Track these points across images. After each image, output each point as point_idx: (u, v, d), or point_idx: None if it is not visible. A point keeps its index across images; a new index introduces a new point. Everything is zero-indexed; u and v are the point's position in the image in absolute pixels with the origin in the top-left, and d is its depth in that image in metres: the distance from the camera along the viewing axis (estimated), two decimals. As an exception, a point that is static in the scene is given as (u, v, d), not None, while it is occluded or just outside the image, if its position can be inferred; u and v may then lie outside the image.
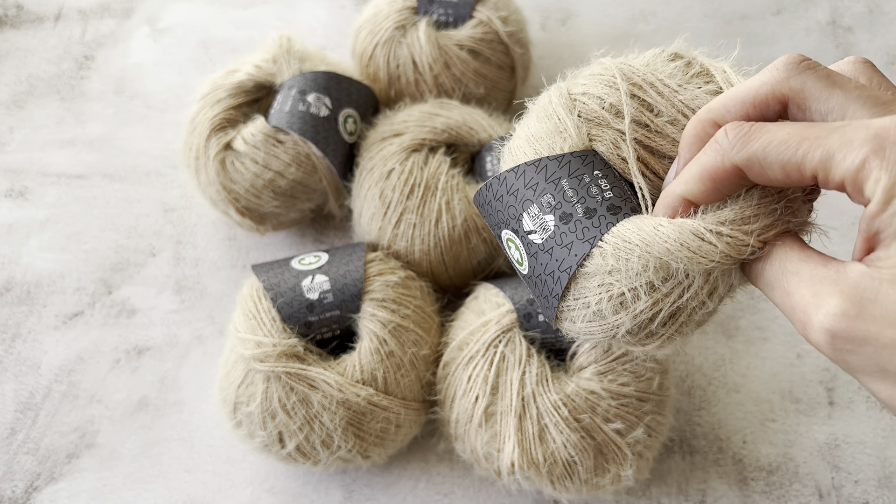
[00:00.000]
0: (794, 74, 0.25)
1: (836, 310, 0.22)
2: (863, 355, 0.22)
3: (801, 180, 0.24)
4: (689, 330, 0.29)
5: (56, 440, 0.50)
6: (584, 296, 0.28)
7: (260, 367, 0.41)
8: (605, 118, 0.30)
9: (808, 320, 0.23)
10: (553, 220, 0.29)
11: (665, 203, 0.28)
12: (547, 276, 0.29)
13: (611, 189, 0.29)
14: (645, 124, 0.29)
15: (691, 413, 0.50)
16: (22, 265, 0.58)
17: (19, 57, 0.70)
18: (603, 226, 0.28)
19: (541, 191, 0.29)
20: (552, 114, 0.31)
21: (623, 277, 0.27)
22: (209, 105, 0.52)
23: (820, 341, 0.23)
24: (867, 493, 0.46)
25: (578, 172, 0.29)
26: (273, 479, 0.48)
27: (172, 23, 0.72)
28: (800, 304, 0.24)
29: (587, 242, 0.28)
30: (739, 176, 0.25)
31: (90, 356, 0.53)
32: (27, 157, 0.64)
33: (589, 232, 0.28)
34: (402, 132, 0.50)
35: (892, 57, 0.66)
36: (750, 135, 0.24)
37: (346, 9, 0.72)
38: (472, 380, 0.42)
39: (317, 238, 0.59)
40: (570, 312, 0.30)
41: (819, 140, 0.23)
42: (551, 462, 0.40)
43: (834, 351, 0.23)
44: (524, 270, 0.31)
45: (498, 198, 0.31)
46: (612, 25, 0.70)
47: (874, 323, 0.22)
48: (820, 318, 0.23)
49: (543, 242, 0.29)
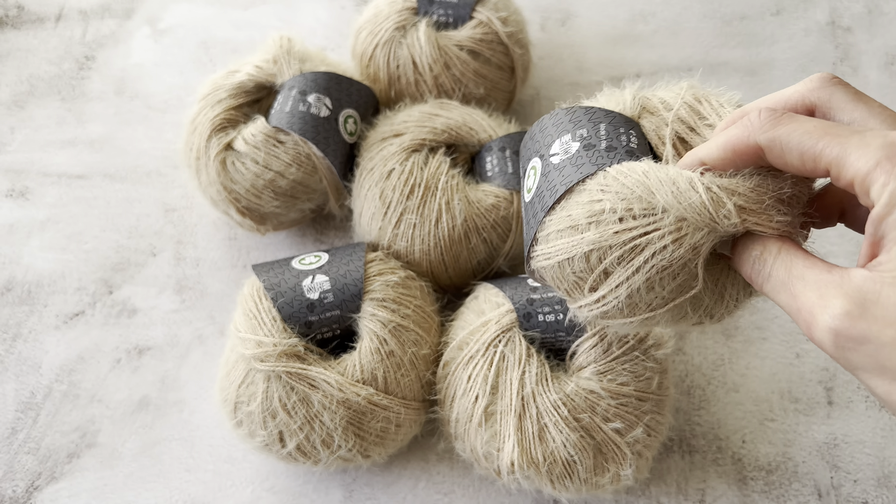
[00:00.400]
0: (824, 87, 0.28)
1: (841, 310, 0.24)
2: (864, 353, 0.23)
3: (814, 171, 0.26)
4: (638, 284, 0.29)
5: (57, 440, 0.50)
6: (571, 208, 0.30)
7: (260, 367, 0.41)
8: (658, 108, 0.33)
9: (814, 321, 0.25)
10: (577, 146, 0.32)
11: (684, 162, 0.30)
12: (548, 191, 0.32)
13: (637, 144, 0.32)
14: (690, 126, 0.32)
15: (690, 412, 0.50)
16: (23, 265, 0.58)
17: (20, 57, 0.70)
18: (615, 160, 0.30)
19: (580, 125, 0.32)
20: (617, 94, 0.35)
21: (612, 195, 0.29)
22: (210, 105, 0.52)
23: (824, 340, 0.24)
24: (866, 493, 0.47)
25: (617, 124, 0.32)
26: (273, 479, 0.48)
27: (173, 23, 0.72)
28: (805, 306, 0.25)
29: (596, 166, 0.30)
30: (758, 155, 0.27)
31: (91, 356, 0.54)
32: (28, 158, 0.64)
33: (602, 160, 0.30)
34: (403, 132, 0.51)
35: (891, 57, 0.67)
36: (780, 119, 0.26)
37: (347, 9, 0.72)
38: (471, 379, 0.42)
39: (317, 238, 0.59)
40: (550, 226, 0.31)
41: (839, 138, 0.25)
42: (551, 461, 0.40)
43: (837, 349, 0.24)
44: (529, 196, 0.33)
45: (543, 129, 0.34)
46: (611, 26, 0.70)
47: (875, 323, 0.23)
48: (825, 319, 0.24)
49: (560, 162, 0.32)
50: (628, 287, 0.29)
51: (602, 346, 0.41)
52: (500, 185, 0.50)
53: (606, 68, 0.67)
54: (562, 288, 0.32)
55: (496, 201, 0.49)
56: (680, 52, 0.68)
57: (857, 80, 0.65)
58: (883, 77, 0.66)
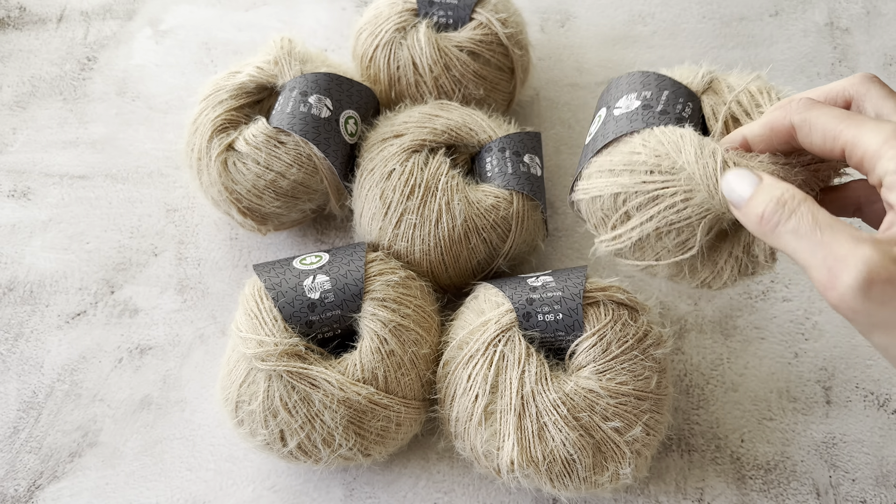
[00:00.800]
0: (863, 82, 0.31)
1: (879, 260, 0.24)
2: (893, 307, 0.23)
3: (832, 151, 0.28)
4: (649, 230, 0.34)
5: (59, 439, 0.50)
6: (614, 155, 0.35)
7: (261, 366, 0.41)
8: (722, 90, 0.38)
9: (845, 268, 0.24)
10: (638, 105, 0.36)
11: (729, 137, 0.33)
12: (601, 136, 0.36)
13: (689, 115, 0.36)
14: (746, 111, 0.36)
15: (689, 412, 0.50)
16: (25, 265, 0.58)
17: (22, 58, 0.71)
18: (665, 122, 0.34)
19: (647, 88, 0.37)
20: (694, 69, 0.40)
21: (649, 150, 0.33)
22: (211, 106, 0.53)
23: (854, 288, 0.24)
24: (864, 492, 0.47)
25: (679, 94, 0.36)
26: (275, 478, 0.48)
27: (174, 24, 0.73)
28: (836, 253, 0.25)
29: (645, 123, 0.35)
30: (791, 133, 0.30)
31: (93, 355, 0.54)
32: (30, 158, 0.64)
33: (652, 120, 0.35)
34: (403, 133, 0.51)
35: (889, 58, 0.67)
36: (813, 104, 0.30)
37: (347, 11, 0.73)
38: (471, 378, 0.42)
39: (318, 238, 0.59)
40: (594, 166, 0.36)
41: (859, 123, 0.27)
42: (550, 460, 0.40)
43: (865, 300, 0.24)
44: (588, 139, 0.38)
45: (618, 85, 0.39)
46: (610, 27, 0.70)
47: None
48: (860, 266, 0.24)
49: (620, 115, 0.36)
50: (640, 231, 0.34)
51: (601, 346, 0.42)
52: (499, 185, 0.50)
53: (606, 69, 0.68)
54: (591, 221, 0.38)
55: (496, 202, 0.49)
56: (679, 53, 0.68)
57: (855, 81, 0.66)
58: (881, 78, 0.66)
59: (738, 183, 0.30)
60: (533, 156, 0.52)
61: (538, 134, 0.53)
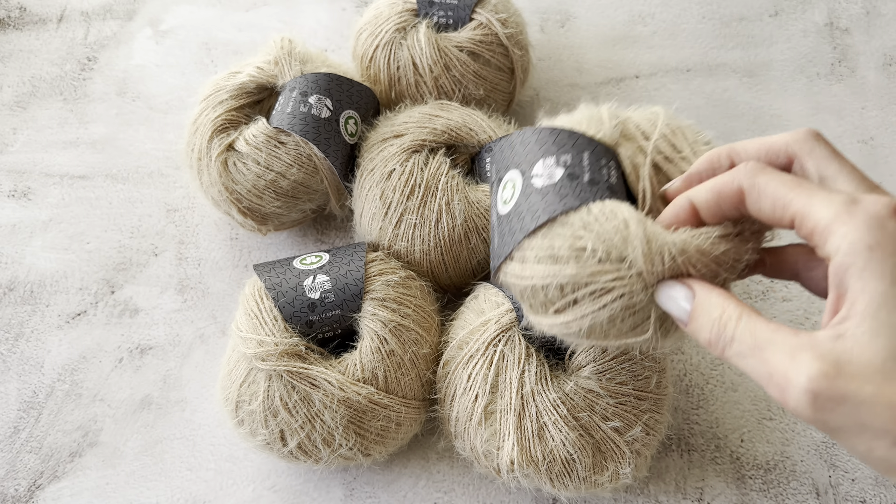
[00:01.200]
0: (807, 140, 0.29)
1: (817, 372, 0.24)
2: (842, 413, 0.23)
3: (781, 219, 0.27)
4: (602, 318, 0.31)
5: (59, 439, 0.51)
6: (554, 239, 0.32)
7: (262, 366, 0.42)
8: (635, 135, 0.35)
9: (789, 384, 0.24)
10: (561, 174, 0.33)
11: (675, 203, 0.31)
12: (528, 213, 0.33)
13: (616, 181, 0.33)
14: (665, 155, 0.34)
15: (689, 411, 0.50)
16: (25, 265, 0.58)
17: (22, 58, 0.71)
18: (598, 196, 0.32)
19: (564, 150, 0.33)
20: (596, 112, 0.36)
21: (594, 236, 0.30)
22: (211, 106, 0.53)
23: (802, 402, 0.24)
24: (864, 492, 0.47)
25: (600, 155, 0.33)
26: (275, 477, 0.48)
27: (175, 25, 0.73)
28: (778, 370, 0.25)
29: (579, 199, 0.31)
30: (740, 199, 0.29)
31: (93, 355, 0.54)
32: (30, 158, 0.64)
33: (584, 194, 0.32)
34: (403, 133, 0.51)
35: (889, 58, 0.67)
36: (763, 170, 0.28)
37: (347, 11, 0.73)
38: (471, 378, 0.42)
39: (318, 238, 0.59)
40: (529, 251, 0.33)
41: (809, 192, 0.26)
42: (550, 460, 0.40)
43: (815, 411, 0.24)
44: (506, 209, 0.34)
45: (525, 143, 0.35)
46: (610, 27, 0.70)
47: (853, 381, 0.23)
48: (801, 381, 0.24)
49: (543, 187, 0.33)
50: (592, 319, 0.31)
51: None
52: (499, 185, 0.50)
53: (605, 70, 0.68)
54: (528, 304, 0.34)
55: (496, 202, 0.49)
56: (678, 54, 0.68)
57: (854, 81, 0.66)
58: (881, 78, 0.66)
59: (674, 300, 0.30)
60: (533, 156, 0.52)
61: (538, 134, 0.53)
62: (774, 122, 0.64)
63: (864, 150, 0.62)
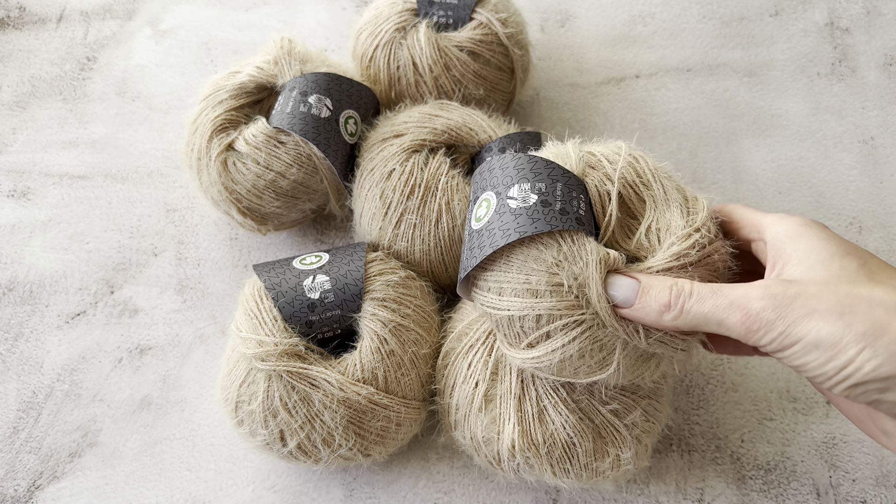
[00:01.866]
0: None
1: (772, 283, 0.30)
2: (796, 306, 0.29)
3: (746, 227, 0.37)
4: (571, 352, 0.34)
5: (58, 439, 0.50)
6: (530, 273, 0.34)
7: (261, 366, 0.41)
8: (601, 163, 0.38)
9: (749, 298, 0.30)
10: (535, 199, 0.35)
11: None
12: (499, 231, 0.35)
13: (585, 212, 0.36)
14: (628, 180, 0.37)
15: (689, 412, 0.50)
16: (25, 265, 0.58)
17: (22, 58, 0.71)
18: (567, 224, 0.34)
19: (540, 178, 0.36)
20: (563, 148, 0.39)
21: (568, 273, 0.34)
22: (211, 106, 0.53)
23: (765, 305, 0.29)
24: (864, 492, 0.47)
25: (573, 186, 0.36)
26: (274, 478, 0.48)
27: (174, 24, 0.73)
28: (738, 294, 0.31)
29: (549, 225, 0.34)
30: None
31: (93, 355, 0.54)
32: (30, 158, 0.64)
33: (555, 221, 0.34)
34: (403, 133, 0.51)
35: (889, 58, 0.67)
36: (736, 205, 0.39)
37: (347, 11, 0.73)
38: (472, 366, 0.43)
39: (318, 238, 0.59)
40: (506, 283, 0.35)
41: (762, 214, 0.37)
42: (551, 443, 0.40)
43: (775, 308, 0.29)
44: (479, 225, 0.36)
45: (503, 167, 0.37)
46: (610, 27, 0.70)
47: (800, 286, 0.30)
48: (760, 291, 0.30)
49: (517, 208, 0.35)
50: (563, 353, 0.34)
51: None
52: (499, 185, 0.50)
53: (606, 69, 0.68)
54: (503, 334, 0.37)
55: (496, 201, 0.49)
56: (679, 53, 0.68)
57: (855, 80, 0.66)
58: (881, 78, 0.66)
59: (620, 286, 0.34)
60: (533, 156, 0.52)
61: (538, 134, 0.53)
62: (775, 122, 0.64)
63: (865, 150, 0.62)
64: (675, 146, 0.63)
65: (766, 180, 0.61)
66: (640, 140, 0.63)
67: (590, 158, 0.38)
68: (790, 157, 0.62)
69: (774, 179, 0.61)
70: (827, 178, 0.60)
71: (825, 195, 0.60)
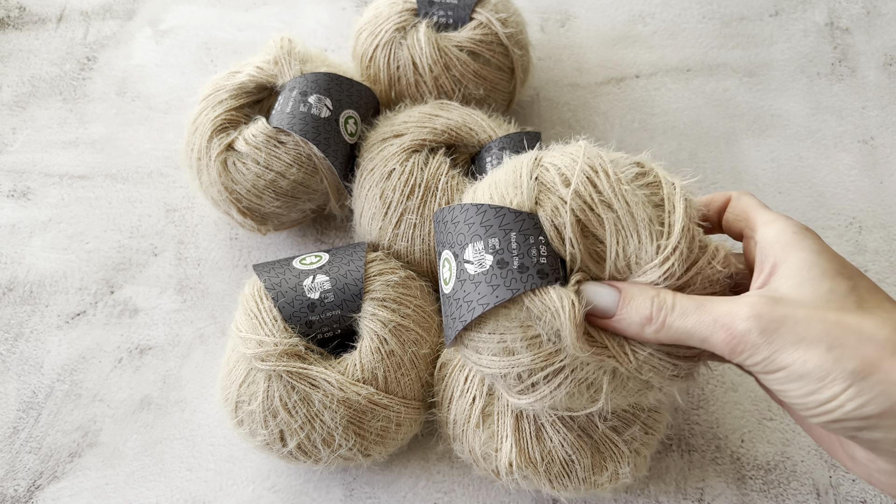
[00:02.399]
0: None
1: (759, 301, 0.29)
2: (783, 332, 0.28)
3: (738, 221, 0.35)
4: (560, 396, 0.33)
5: (58, 439, 0.50)
6: (503, 332, 0.33)
7: (261, 367, 0.41)
8: (555, 184, 0.34)
9: (735, 317, 0.29)
10: (491, 261, 0.33)
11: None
12: (465, 302, 0.33)
13: (546, 257, 0.33)
14: (585, 200, 0.33)
15: (689, 412, 0.50)
16: (25, 265, 0.58)
17: (22, 58, 0.71)
18: (528, 283, 0.32)
19: (492, 232, 0.33)
20: (518, 169, 0.35)
21: (543, 324, 0.32)
22: (211, 106, 0.53)
23: (750, 327, 0.28)
24: (865, 492, 0.47)
25: (527, 232, 0.33)
26: (274, 478, 0.48)
27: (174, 24, 0.73)
28: (722, 312, 0.29)
29: (510, 290, 0.32)
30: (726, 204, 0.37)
31: (92, 355, 0.54)
32: (30, 158, 0.64)
33: (516, 284, 0.32)
34: (403, 133, 0.51)
35: (889, 58, 0.67)
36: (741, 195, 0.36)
37: (347, 11, 0.73)
38: (468, 381, 0.42)
39: (318, 238, 0.59)
40: (482, 344, 0.34)
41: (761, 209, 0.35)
42: (549, 461, 0.40)
43: (761, 333, 0.28)
44: (447, 290, 0.35)
45: (454, 221, 0.35)
46: (610, 27, 0.70)
47: (789, 307, 0.28)
48: (746, 311, 0.29)
49: (475, 275, 0.33)
50: (552, 398, 0.33)
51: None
52: (499, 185, 0.50)
53: (606, 69, 0.68)
54: (494, 383, 0.36)
55: (496, 201, 0.49)
56: (679, 53, 0.68)
57: (855, 80, 0.66)
58: (881, 78, 0.66)
59: (600, 294, 0.32)
60: (533, 156, 0.52)
61: (538, 134, 0.53)
62: (775, 121, 0.64)
63: (865, 150, 0.62)
64: (675, 146, 0.63)
65: (766, 180, 0.61)
66: (641, 140, 0.63)
67: (541, 183, 0.34)
68: (790, 157, 0.62)
69: (774, 179, 0.61)
70: (827, 178, 0.60)
71: (825, 195, 0.60)
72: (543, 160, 0.35)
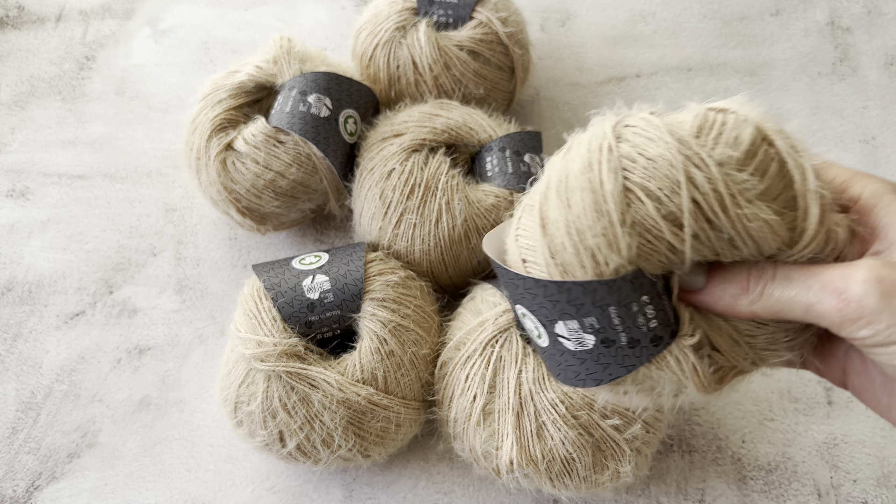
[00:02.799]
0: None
1: (878, 264, 0.24)
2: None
3: None
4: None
5: (57, 439, 0.50)
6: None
7: (261, 367, 0.41)
8: (661, 229, 0.25)
9: (850, 281, 0.24)
10: (594, 341, 0.28)
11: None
12: (569, 370, 0.29)
13: (655, 317, 0.27)
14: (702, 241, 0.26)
15: (690, 412, 0.50)
16: (23, 265, 0.58)
17: (21, 57, 0.70)
18: (644, 356, 0.27)
19: (586, 312, 0.27)
20: (601, 205, 0.26)
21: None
22: (210, 105, 0.53)
23: (869, 291, 0.24)
24: (866, 493, 0.47)
25: (627, 300, 0.26)
26: (274, 478, 0.48)
27: (174, 24, 0.72)
28: (834, 277, 0.25)
29: (626, 368, 0.28)
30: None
31: (91, 356, 0.54)
32: (29, 158, 0.64)
33: (629, 360, 0.28)
34: (403, 132, 0.51)
35: (890, 58, 0.67)
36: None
37: (347, 10, 0.73)
38: (469, 379, 0.42)
39: (317, 238, 0.59)
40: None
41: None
42: (550, 459, 0.40)
43: (881, 296, 0.23)
44: (542, 343, 0.30)
45: (527, 288, 0.28)
46: (611, 26, 0.70)
47: None
48: (864, 273, 0.24)
49: (577, 352, 0.28)
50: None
51: None
52: (500, 185, 0.50)
53: (606, 69, 0.68)
54: None
55: (496, 201, 0.49)
56: (679, 53, 0.68)
57: (856, 80, 0.66)
58: (882, 77, 0.66)
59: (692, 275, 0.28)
60: (533, 155, 0.52)
61: (539, 133, 0.53)
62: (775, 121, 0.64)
63: (866, 150, 0.62)
64: (675, 146, 0.63)
65: (766, 180, 0.60)
66: (641, 139, 0.63)
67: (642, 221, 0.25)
68: (791, 156, 0.62)
69: (775, 179, 0.60)
70: (828, 178, 0.60)
71: (826, 195, 0.59)
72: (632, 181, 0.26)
